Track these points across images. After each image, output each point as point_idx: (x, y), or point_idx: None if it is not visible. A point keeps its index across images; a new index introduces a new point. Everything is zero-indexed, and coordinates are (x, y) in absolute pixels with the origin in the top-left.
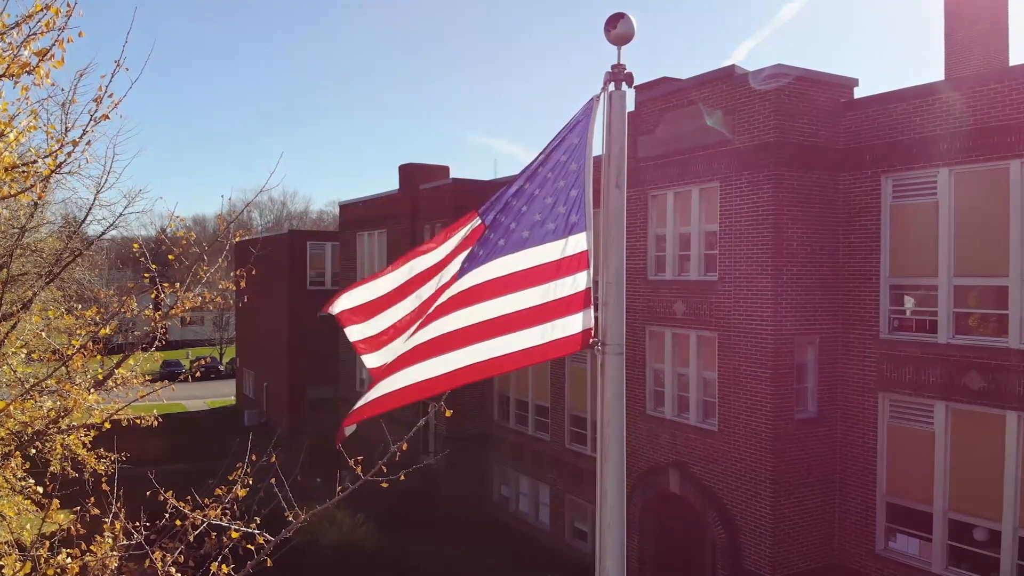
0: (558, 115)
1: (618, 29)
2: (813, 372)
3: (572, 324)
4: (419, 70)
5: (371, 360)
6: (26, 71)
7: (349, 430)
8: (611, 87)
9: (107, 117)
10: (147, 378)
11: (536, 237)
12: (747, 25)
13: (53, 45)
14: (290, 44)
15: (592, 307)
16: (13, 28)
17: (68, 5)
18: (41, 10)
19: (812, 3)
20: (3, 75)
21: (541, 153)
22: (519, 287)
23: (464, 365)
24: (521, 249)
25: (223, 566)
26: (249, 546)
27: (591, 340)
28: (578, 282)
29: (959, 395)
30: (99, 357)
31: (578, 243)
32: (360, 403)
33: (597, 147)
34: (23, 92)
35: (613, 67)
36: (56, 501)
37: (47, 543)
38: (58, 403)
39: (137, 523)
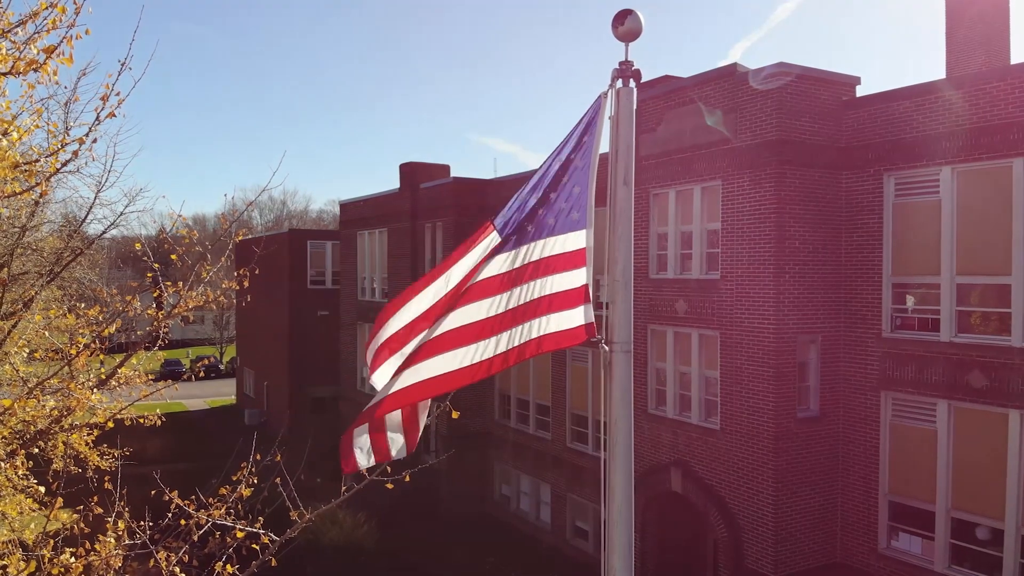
0: (556, 114)
1: (625, 25)
2: (815, 371)
3: (570, 319)
4: (418, 69)
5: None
6: (33, 68)
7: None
8: (618, 83)
9: (113, 115)
10: (149, 377)
11: (540, 232)
12: (743, 25)
13: (61, 42)
14: (289, 43)
15: (591, 303)
16: (18, 26)
17: (76, 2)
18: (47, 8)
19: (807, 3)
20: (8, 72)
21: (554, 152)
22: (522, 281)
23: (472, 363)
24: (524, 244)
25: (227, 566)
26: (254, 546)
27: (594, 338)
28: (576, 278)
29: (962, 394)
30: (101, 356)
31: (578, 240)
32: (371, 404)
33: (604, 144)
34: (29, 89)
35: (620, 63)
36: (59, 500)
37: (51, 542)
38: (61, 402)
39: (141, 522)
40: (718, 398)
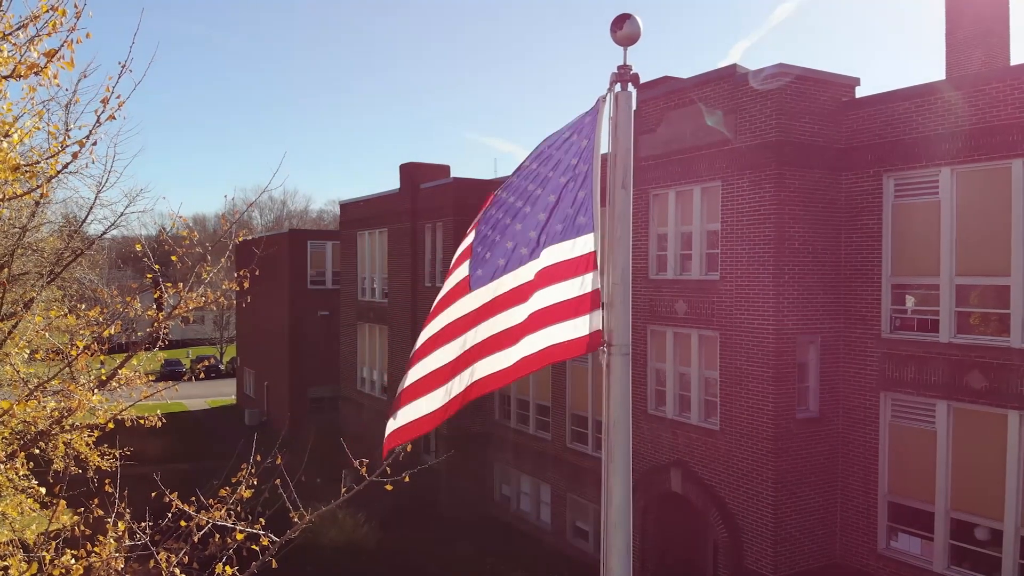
0: (556, 114)
1: (624, 30)
2: (815, 371)
3: (581, 326)
4: (418, 70)
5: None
6: (34, 71)
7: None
8: (617, 87)
9: (113, 117)
10: (150, 378)
11: (549, 239)
12: (743, 25)
13: (62, 46)
14: (290, 44)
15: (600, 308)
16: (19, 28)
17: (76, 6)
18: (47, 11)
19: (807, 3)
20: (9, 76)
21: (537, 150)
22: (533, 290)
23: (487, 374)
24: (537, 254)
25: (227, 567)
26: (254, 547)
27: (600, 342)
28: (585, 284)
29: (961, 394)
30: (102, 357)
31: (586, 244)
32: (397, 425)
33: (604, 145)
34: (30, 91)
35: (619, 67)
36: (62, 503)
37: (52, 543)
38: (62, 403)
39: (141, 523)
40: (718, 398)
